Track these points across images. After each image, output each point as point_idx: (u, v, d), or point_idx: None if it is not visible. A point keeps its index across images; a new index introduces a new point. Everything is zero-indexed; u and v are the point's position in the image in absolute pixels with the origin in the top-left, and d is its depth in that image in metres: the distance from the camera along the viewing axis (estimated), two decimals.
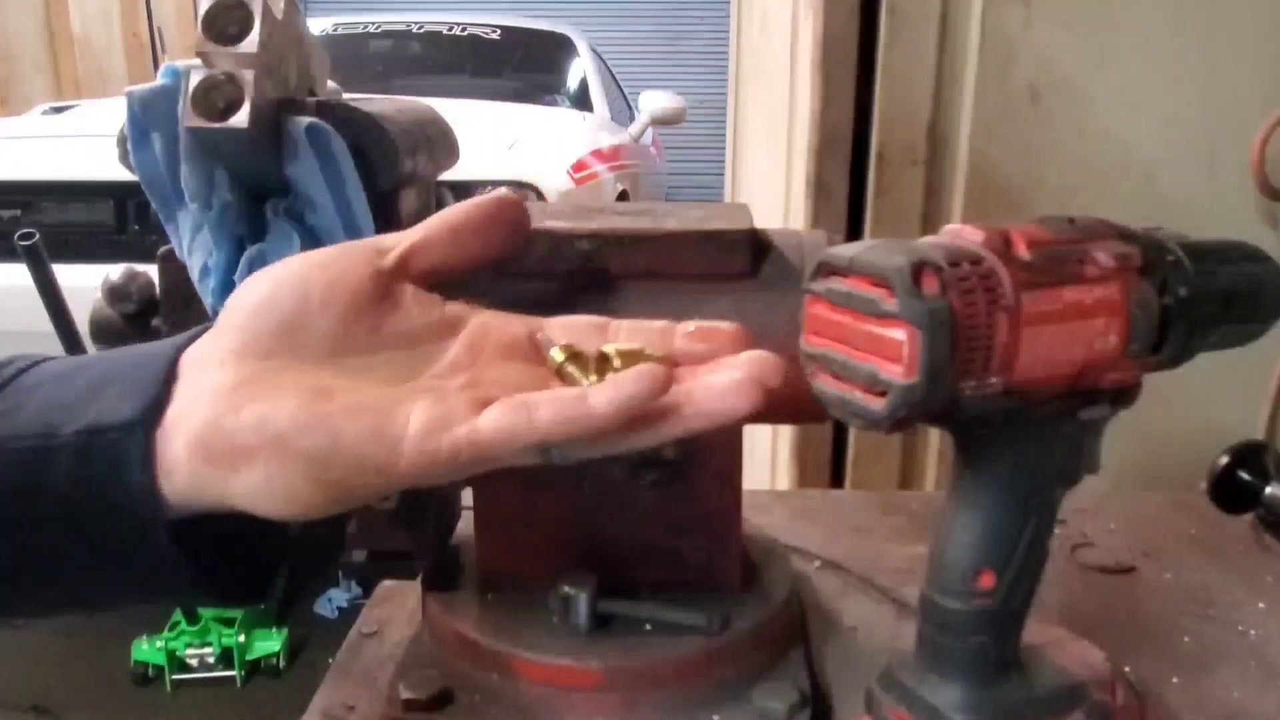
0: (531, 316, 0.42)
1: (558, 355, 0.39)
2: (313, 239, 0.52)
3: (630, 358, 0.38)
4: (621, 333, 0.41)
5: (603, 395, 0.35)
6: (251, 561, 0.41)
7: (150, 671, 2.21)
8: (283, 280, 0.39)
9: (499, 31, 4.15)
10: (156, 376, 0.37)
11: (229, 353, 0.37)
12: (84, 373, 0.38)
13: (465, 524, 0.63)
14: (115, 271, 0.59)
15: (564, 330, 0.41)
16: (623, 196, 3.27)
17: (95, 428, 0.36)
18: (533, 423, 0.35)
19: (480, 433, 0.35)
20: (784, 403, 0.56)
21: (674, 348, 0.39)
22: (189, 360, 0.37)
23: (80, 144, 2.38)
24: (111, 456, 0.35)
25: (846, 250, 0.42)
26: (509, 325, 0.41)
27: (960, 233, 0.44)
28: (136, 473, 0.35)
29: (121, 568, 0.38)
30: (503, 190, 0.43)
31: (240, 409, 0.35)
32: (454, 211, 0.43)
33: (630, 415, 0.35)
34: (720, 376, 0.36)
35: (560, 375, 0.39)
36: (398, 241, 0.41)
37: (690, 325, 0.40)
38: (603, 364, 0.38)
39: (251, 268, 0.50)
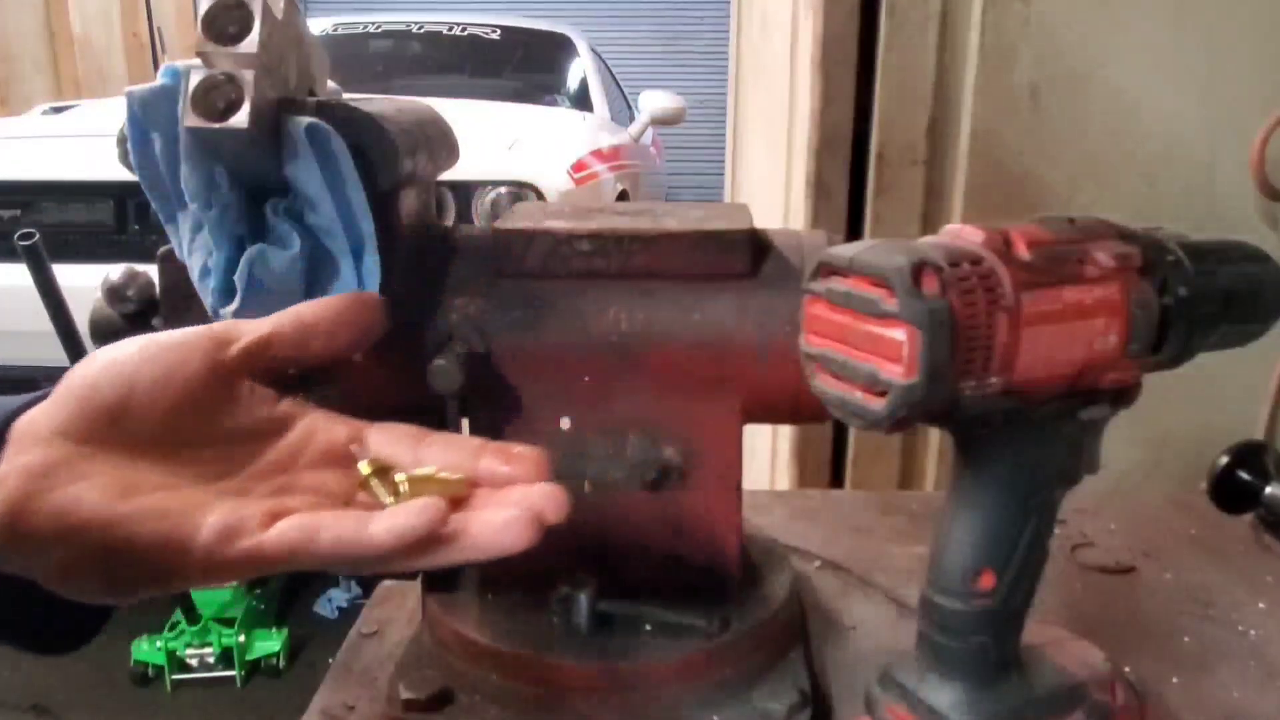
0: (357, 421, 0.43)
1: (364, 469, 0.41)
2: (313, 239, 0.52)
3: (420, 484, 0.40)
4: (435, 446, 0.42)
5: (382, 524, 0.37)
6: (66, 617, 0.41)
7: (150, 671, 2.21)
8: (116, 365, 0.39)
9: (499, 31, 4.14)
10: None
11: (52, 431, 0.38)
12: None
13: None
14: (115, 271, 0.58)
15: (383, 437, 0.43)
16: (623, 196, 3.27)
17: None
18: (314, 544, 0.37)
19: (265, 548, 0.37)
20: (784, 403, 0.57)
21: (478, 466, 0.41)
22: (19, 428, 0.38)
23: (80, 144, 2.38)
24: None
25: (846, 250, 0.42)
26: (333, 431, 0.43)
27: (960, 233, 0.44)
28: None
29: None
30: (356, 297, 0.44)
31: (46, 494, 0.36)
32: (306, 309, 0.44)
33: (407, 544, 0.37)
34: (498, 514, 0.39)
35: (364, 488, 0.41)
36: (242, 333, 0.42)
37: (494, 452, 0.42)
38: (394, 487, 0.40)
39: (251, 268, 0.50)
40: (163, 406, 0.39)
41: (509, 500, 0.40)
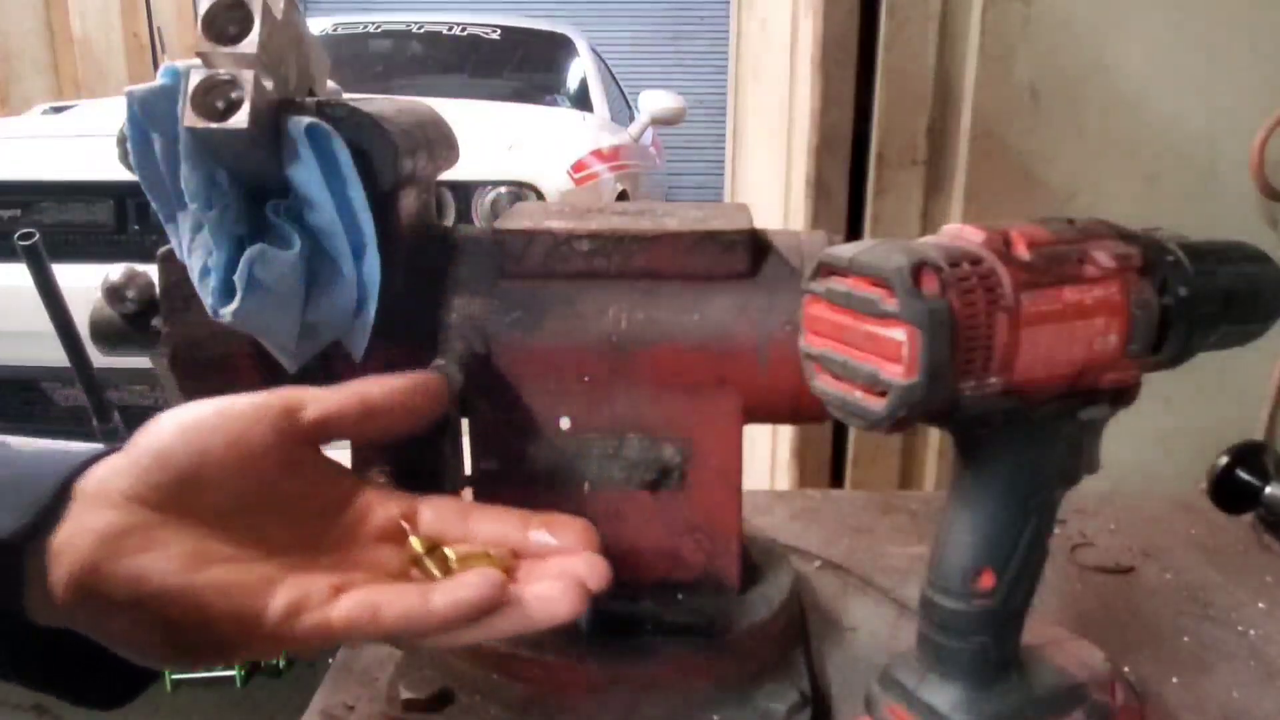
0: (408, 496, 0.44)
1: (417, 545, 0.42)
2: (312, 239, 0.52)
3: (469, 561, 0.42)
4: (484, 518, 0.44)
5: (445, 597, 0.38)
6: (122, 674, 0.41)
7: None
8: (188, 431, 0.40)
9: (499, 31, 4.14)
10: (44, 496, 0.37)
11: (123, 495, 0.38)
12: None
13: None
14: (115, 271, 0.58)
15: (433, 512, 0.44)
16: (623, 196, 3.27)
17: None
18: (379, 619, 0.38)
19: (332, 623, 0.37)
20: (784, 403, 0.57)
21: (527, 538, 0.43)
22: (86, 487, 0.38)
23: (80, 144, 2.38)
24: None
25: (846, 250, 0.42)
26: (388, 506, 0.44)
27: (960, 233, 0.44)
28: (4, 591, 0.37)
29: None
30: (421, 381, 0.45)
31: (121, 559, 0.36)
32: (372, 390, 0.44)
33: (467, 615, 0.38)
34: (548, 586, 0.40)
35: (417, 564, 0.42)
36: (309, 402, 0.42)
37: (541, 524, 0.43)
38: (444, 564, 0.42)
39: (251, 268, 0.50)
40: (233, 475, 0.39)
41: (553, 572, 0.41)
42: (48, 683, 0.40)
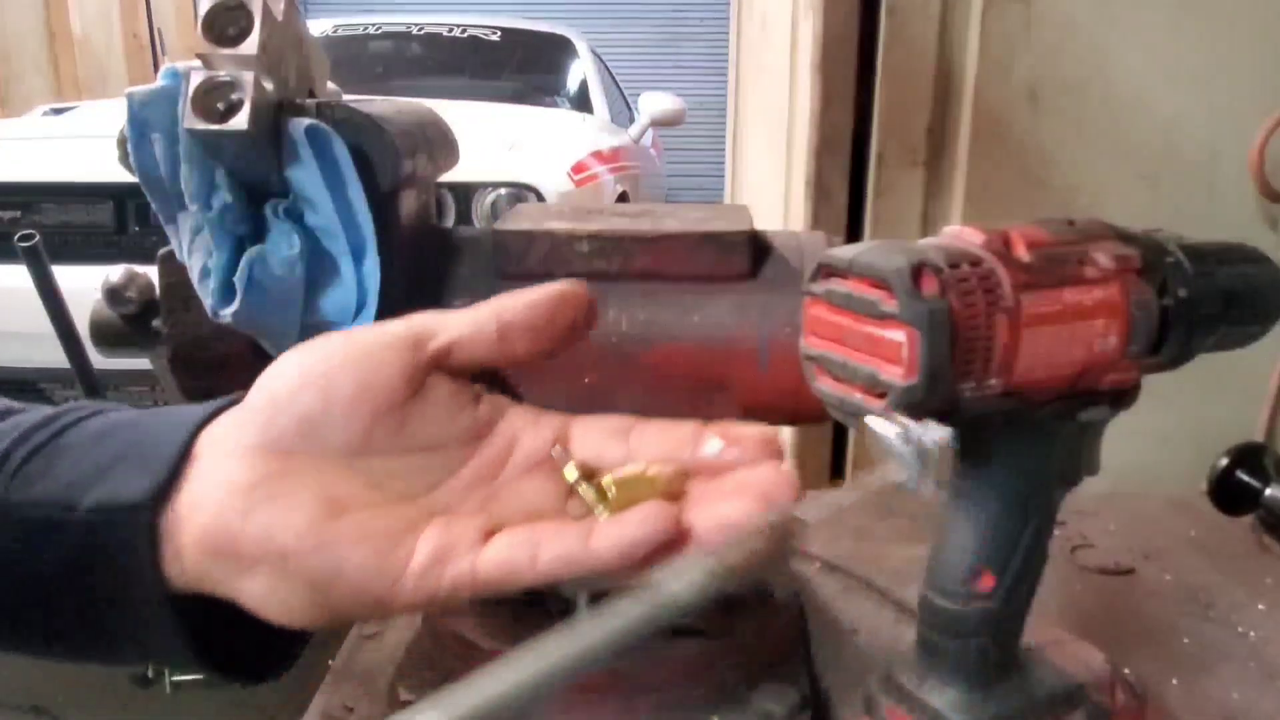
0: (561, 416, 0.40)
1: (570, 474, 0.38)
2: (312, 240, 0.52)
3: (630, 486, 0.37)
4: (648, 435, 0.39)
5: (607, 539, 0.34)
6: (267, 643, 0.39)
7: (150, 672, 2.21)
8: (311, 373, 0.36)
9: (499, 33, 4.14)
10: (170, 456, 0.35)
11: (246, 447, 0.35)
12: (111, 439, 0.37)
13: None
14: (115, 272, 0.59)
15: (589, 434, 0.39)
16: (623, 198, 3.27)
17: (106, 505, 0.35)
18: (535, 563, 0.34)
19: (481, 570, 0.34)
20: (784, 403, 0.57)
21: (697, 453, 0.38)
22: (208, 442, 0.36)
23: (80, 145, 2.38)
24: (118, 537, 0.35)
25: (846, 252, 0.42)
26: (537, 432, 0.39)
27: (960, 234, 0.44)
28: (141, 555, 0.35)
29: (125, 640, 0.37)
30: (561, 292, 0.40)
31: (249, 513, 0.34)
32: (508, 307, 0.39)
33: (633, 558, 0.34)
34: (726, 510, 0.35)
35: (573, 494, 0.37)
36: (437, 329, 0.38)
37: (716, 434, 0.38)
38: (603, 492, 0.37)
39: (251, 268, 0.50)
40: (362, 414, 0.36)
41: (731, 490, 0.36)
42: (194, 655, 0.37)
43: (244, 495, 0.34)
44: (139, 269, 0.60)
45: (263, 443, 0.35)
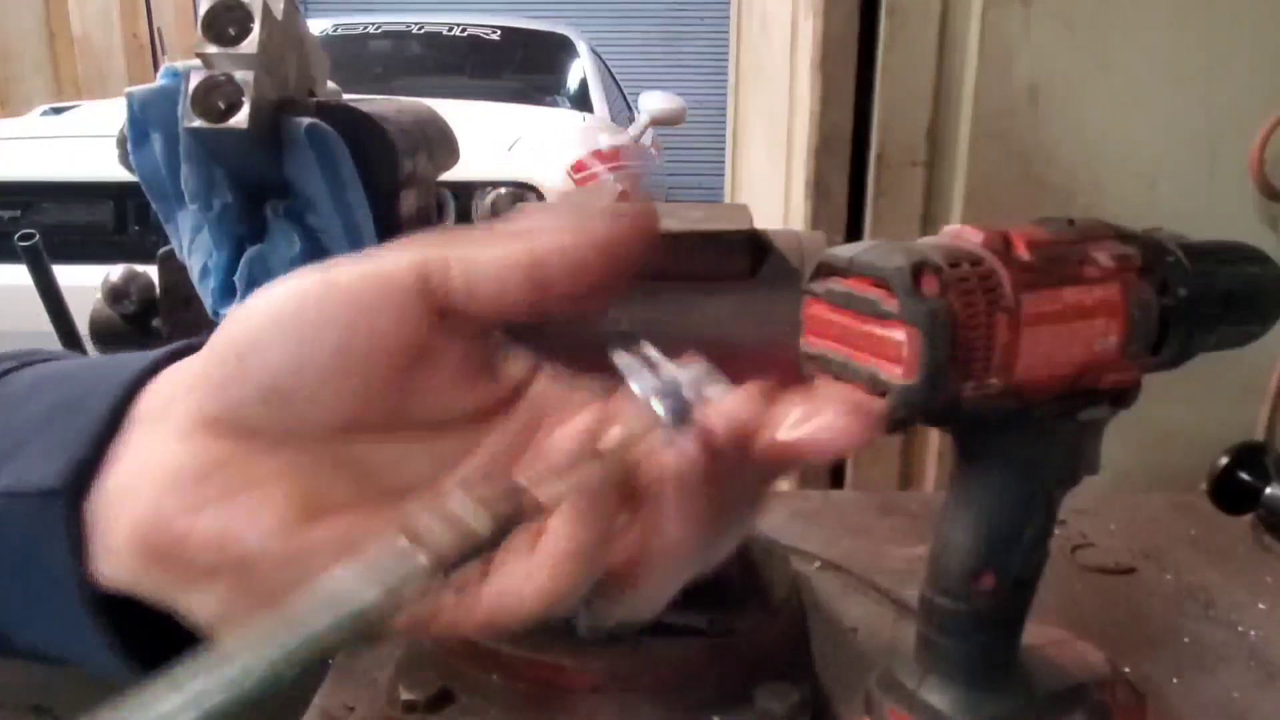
0: (597, 394, 0.32)
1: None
2: (312, 239, 0.52)
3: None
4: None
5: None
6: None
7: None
8: (284, 323, 0.27)
9: (499, 32, 4.15)
10: (92, 430, 0.27)
11: (197, 419, 0.27)
12: (36, 399, 0.30)
13: None
14: (115, 272, 0.59)
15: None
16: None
17: (13, 490, 0.28)
18: (575, 584, 0.28)
19: (488, 601, 0.28)
20: None
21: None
22: (148, 409, 0.28)
23: (80, 144, 2.38)
24: (29, 527, 0.27)
25: (846, 251, 0.42)
26: (573, 405, 0.31)
27: (960, 233, 0.44)
28: (54, 553, 0.27)
29: (43, 645, 0.31)
30: (610, 190, 0.33)
31: (198, 510, 0.26)
32: (545, 236, 0.28)
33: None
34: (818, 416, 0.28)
35: None
36: (454, 264, 0.28)
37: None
38: None
39: (251, 268, 0.50)
40: (352, 380, 0.27)
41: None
42: (130, 666, 0.29)
43: (193, 486, 0.27)
44: (139, 268, 0.60)
45: (219, 414, 0.27)
